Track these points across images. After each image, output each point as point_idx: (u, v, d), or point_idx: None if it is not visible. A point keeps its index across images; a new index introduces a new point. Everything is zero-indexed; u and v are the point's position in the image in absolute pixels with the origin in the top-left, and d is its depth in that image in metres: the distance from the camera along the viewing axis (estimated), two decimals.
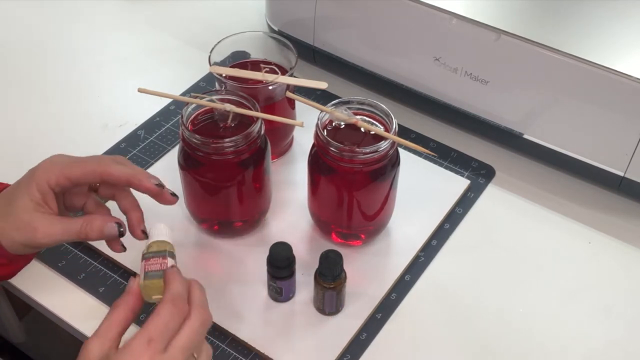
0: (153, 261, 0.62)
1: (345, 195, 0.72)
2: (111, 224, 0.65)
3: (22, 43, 1.03)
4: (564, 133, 0.80)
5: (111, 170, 0.65)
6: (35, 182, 0.65)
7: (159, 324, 0.55)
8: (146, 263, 0.62)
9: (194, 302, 0.58)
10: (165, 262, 0.62)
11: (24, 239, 0.65)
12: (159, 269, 0.62)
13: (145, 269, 0.62)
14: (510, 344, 0.71)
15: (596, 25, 0.79)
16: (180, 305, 0.57)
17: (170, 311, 0.56)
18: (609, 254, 0.79)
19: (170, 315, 0.56)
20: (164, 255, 0.62)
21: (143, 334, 0.54)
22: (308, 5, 0.89)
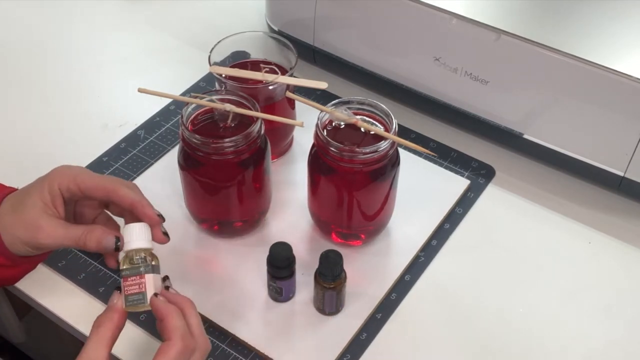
0: (131, 282, 0.61)
1: (345, 195, 0.72)
2: (109, 237, 0.64)
3: (22, 43, 1.03)
4: (564, 133, 0.80)
5: (119, 192, 0.66)
6: (48, 183, 0.66)
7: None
8: (124, 284, 0.61)
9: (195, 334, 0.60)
10: (142, 281, 0.60)
11: (26, 237, 0.65)
12: (137, 291, 0.60)
13: (125, 290, 0.61)
14: (510, 344, 0.71)
15: (596, 25, 0.79)
16: (189, 342, 0.58)
17: (180, 352, 0.57)
18: (609, 254, 0.79)
19: (180, 355, 0.57)
20: (140, 273, 0.61)
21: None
22: (308, 5, 0.89)
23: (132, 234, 0.63)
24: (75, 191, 0.66)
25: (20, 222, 0.65)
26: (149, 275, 0.61)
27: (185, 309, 0.61)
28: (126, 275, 0.61)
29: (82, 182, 0.66)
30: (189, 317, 0.60)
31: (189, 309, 0.61)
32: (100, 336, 0.57)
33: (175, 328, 0.58)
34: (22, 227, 0.65)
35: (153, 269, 0.62)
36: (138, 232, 0.63)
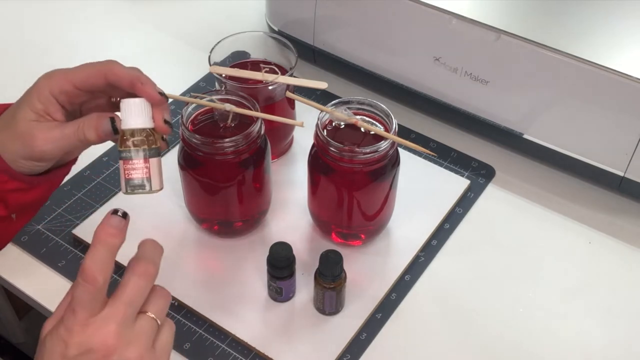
0: (133, 165, 0.54)
1: (345, 195, 0.72)
2: (105, 120, 0.58)
3: (22, 43, 1.03)
4: (564, 133, 0.80)
5: (114, 69, 0.60)
6: (37, 92, 0.61)
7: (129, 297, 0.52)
8: (124, 166, 0.54)
9: (137, 256, 0.54)
10: (147, 166, 0.54)
11: (23, 150, 0.62)
12: (141, 176, 0.54)
13: (126, 175, 0.54)
14: (510, 344, 0.71)
15: (596, 25, 0.79)
16: (149, 268, 0.53)
17: (139, 279, 0.53)
18: (609, 254, 0.79)
19: (140, 283, 0.53)
20: (143, 156, 0.54)
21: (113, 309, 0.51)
22: (308, 5, 0.89)
23: (131, 111, 0.56)
24: (69, 90, 0.61)
25: (15, 136, 0.61)
26: (153, 160, 0.55)
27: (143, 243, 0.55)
28: (126, 158, 0.54)
29: (73, 76, 0.61)
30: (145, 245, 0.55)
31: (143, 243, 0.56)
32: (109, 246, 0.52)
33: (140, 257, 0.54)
34: (18, 141, 0.61)
35: (156, 152, 0.55)
36: (137, 108, 0.56)
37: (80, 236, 0.78)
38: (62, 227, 0.79)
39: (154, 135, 0.56)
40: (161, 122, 0.59)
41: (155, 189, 0.55)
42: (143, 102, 0.56)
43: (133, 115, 0.55)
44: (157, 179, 0.56)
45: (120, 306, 0.52)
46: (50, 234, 0.78)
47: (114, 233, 0.51)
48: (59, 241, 0.78)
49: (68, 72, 0.62)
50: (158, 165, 0.56)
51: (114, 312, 0.51)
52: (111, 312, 0.51)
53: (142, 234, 0.79)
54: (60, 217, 0.80)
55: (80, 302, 0.51)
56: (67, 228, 0.79)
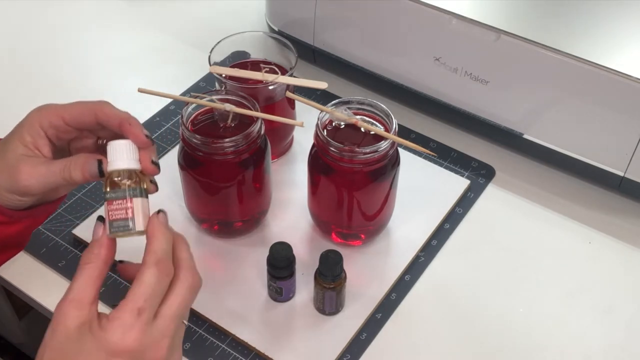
0: (116, 206, 0.53)
1: (345, 195, 0.72)
2: (92, 161, 0.57)
3: (22, 43, 1.03)
4: (564, 133, 0.80)
5: (104, 109, 0.60)
6: (28, 125, 0.61)
7: (146, 292, 0.51)
8: (108, 207, 0.53)
9: (181, 264, 0.55)
10: (130, 205, 0.53)
11: (8, 183, 0.60)
12: (123, 217, 0.53)
13: (109, 216, 0.53)
14: (510, 344, 0.71)
15: (596, 25, 0.79)
16: (165, 266, 0.53)
17: (156, 276, 0.52)
18: (609, 254, 0.79)
19: (156, 280, 0.52)
20: (126, 196, 0.53)
21: (130, 304, 0.51)
22: (308, 5, 0.89)
23: (116, 152, 0.55)
24: (59, 125, 0.61)
25: (1, 168, 0.60)
26: (137, 200, 0.54)
27: (179, 242, 0.56)
28: (110, 199, 0.53)
29: (64, 111, 0.61)
30: (178, 250, 0.55)
31: (181, 244, 0.56)
32: (87, 275, 0.52)
33: (153, 251, 0.53)
34: (4, 173, 0.60)
35: (141, 193, 0.55)
36: (123, 149, 0.55)
37: (80, 236, 0.78)
38: (62, 227, 0.79)
39: (140, 177, 0.56)
40: (148, 164, 0.58)
41: (140, 229, 0.54)
42: (129, 143, 0.56)
43: (119, 156, 0.56)
44: (141, 220, 0.55)
45: (172, 322, 0.53)
46: (50, 234, 0.78)
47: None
48: (59, 241, 0.78)
49: (59, 107, 0.61)
50: (143, 205, 0.55)
51: (167, 327, 0.53)
52: (164, 327, 0.52)
53: None
54: (60, 217, 0.80)
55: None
56: (67, 228, 0.79)
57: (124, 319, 0.51)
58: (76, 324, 0.51)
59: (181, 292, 0.54)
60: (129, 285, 0.69)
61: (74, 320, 0.51)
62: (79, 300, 0.51)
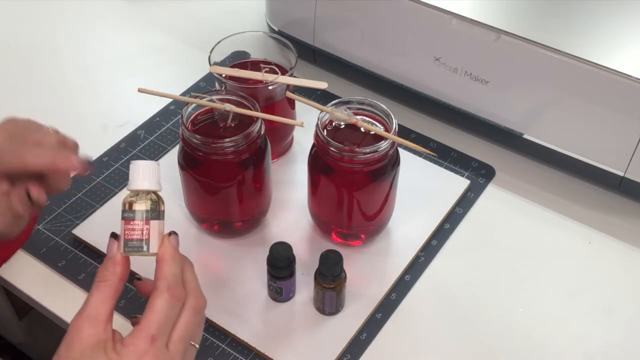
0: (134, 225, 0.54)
1: (345, 195, 0.72)
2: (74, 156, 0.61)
3: (22, 43, 1.03)
4: (564, 133, 0.80)
5: (27, 161, 0.62)
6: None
7: (159, 319, 0.52)
8: (125, 227, 0.54)
9: (188, 287, 0.55)
10: (147, 227, 0.54)
11: None
12: (139, 237, 0.54)
13: (125, 235, 0.54)
14: (510, 344, 0.71)
15: (596, 25, 0.79)
16: (177, 291, 0.54)
17: (168, 302, 0.53)
18: (609, 254, 0.79)
19: (168, 306, 0.53)
20: (145, 217, 0.54)
21: (144, 331, 0.52)
22: (308, 5, 0.89)
23: (138, 172, 0.56)
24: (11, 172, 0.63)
25: None
26: (154, 222, 0.55)
27: (185, 265, 0.56)
28: (128, 219, 0.54)
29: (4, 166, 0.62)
30: (184, 273, 0.56)
31: (189, 266, 0.57)
32: (103, 292, 0.53)
33: (164, 276, 0.54)
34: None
35: (159, 215, 0.56)
36: (147, 171, 0.56)
37: (80, 236, 0.78)
38: (62, 227, 0.79)
39: (159, 198, 0.56)
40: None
41: (153, 251, 0.55)
42: (152, 164, 0.56)
43: (141, 177, 0.56)
44: (156, 242, 0.55)
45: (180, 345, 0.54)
46: (50, 234, 0.78)
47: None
48: (59, 241, 0.78)
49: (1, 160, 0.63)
50: (159, 228, 0.56)
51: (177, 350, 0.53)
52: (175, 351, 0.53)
53: None
54: (60, 217, 0.80)
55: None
56: (67, 228, 0.79)
57: (138, 345, 0.52)
58: (91, 342, 0.51)
59: (186, 314, 0.54)
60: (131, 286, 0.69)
61: (90, 338, 0.51)
62: (95, 317, 0.52)
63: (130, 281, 0.58)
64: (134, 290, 0.74)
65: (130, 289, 0.74)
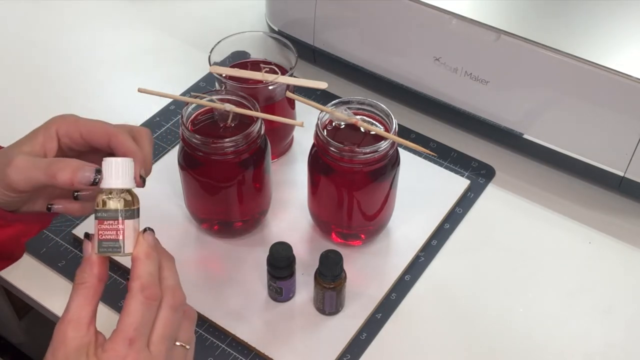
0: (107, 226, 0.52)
1: (345, 195, 0.72)
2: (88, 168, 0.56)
3: (22, 43, 1.03)
4: (564, 133, 0.80)
5: (119, 137, 0.59)
6: (45, 126, 0.61)
7: (135, 321, 0.51)
8: (99, 226, 0.53)
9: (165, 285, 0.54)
10: (122, 227, 0.52)
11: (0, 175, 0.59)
12: (114, 237, 0.52)
13: (99, 236, 0.53)
14: (510, 344, 0.71)
15: (596, 25, 0.79)
16: (152, 292, 0.52)
17: (143, 304, 0.52)
18: (609, 254, 0.79)
19: (144, 308, 0.52)
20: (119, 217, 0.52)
21: (121, 334, 0.51)
22: (308, 5, 0.89)
23: (112, 170, 0.54)
24: (75, 136, 0.60)
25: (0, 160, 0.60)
26: (129, 222, 0.53)
27: (163, 261, 0.54)
28: (102, 218, 0.52)
29: (83, 125, 0.60)
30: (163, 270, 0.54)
31: (167, 262, 0.55)
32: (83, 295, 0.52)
33: (138, 277, 0.52)
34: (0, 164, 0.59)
35: (133, 214, 0.54)
36: (121, 168, 0.54)
37: (80, 236, 0.78)
38: (62, 227, 0.79)
39: (134, 197, 0.54)
40: (137, 178, 0.57)
41: (128, 251, 0.53)
42: (126, 162, 0.54)
43: (114, 174, 0.54)
44: (131, 241, 0.54)
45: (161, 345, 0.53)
46: (50, 234, 0.78)
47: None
48: (59, 241, 0.78)
49: (79, 120, 0.61)
50: (134, 227, 0.54)
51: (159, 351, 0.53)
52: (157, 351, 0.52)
53: None
54: (60, 217, 0.80)
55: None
56: (67, 228, 0.79)
57: (117, 350, 0.51)
58: (75, 346, 0.51)
59: (163, 313, 0.53)
60: None
61: (72, 342, 0.51)
62: (77, 320, 0.52)
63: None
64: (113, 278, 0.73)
65: (110, 276, 0.74)
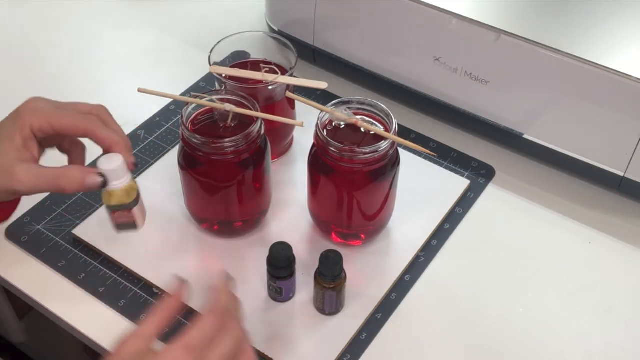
0: (120, 214, 0.65)
1: (345, 195, 0.72)
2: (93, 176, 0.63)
3: (22, 43, 1.03)
4: (564, 133, 0.80)
5: (98, 133, 0.65)
6: (19, 126, 0.64)
7: (201, 335, 0.55)
8: (113, 215, 0.65)
9: (232, 317, 0.58)
10: (132, 214, 0.65)
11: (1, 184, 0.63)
12: (128, 221, 0.66)
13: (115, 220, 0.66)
14: (510, 344, 0.71)
15: (596, 25, 0.79)
16: (225, 318, 0.57)
17: (214, 325, 0.56)
18: (609, 254, 0.79)
19: (214, 329, 0.55)
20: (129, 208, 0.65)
21: (185, 341, 0.54)
22: (308, 5, 0.89)
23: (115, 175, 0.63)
24: (48, 131, 0.64)
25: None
26: (136, 208, 0.66)
27: (234, 301, 0.59)
28: (114, 210, 0.65)
29: (55, 122, 0.64)
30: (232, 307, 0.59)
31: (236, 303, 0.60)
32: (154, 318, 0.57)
33: (217, 301, 0.58)
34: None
35: (138, 198, 0.66)
36: (119, 171, 0.63)
37: (80, 236, 0.78)
38: (62, 227, 0.79)
39: (134, 186, 0.65)
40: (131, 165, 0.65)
41: (141, 227, 0.68)
42: (122, 164, 0.64)
43: (116, 177, 0.64)
44: (141, 219, 0.68)
45: None
46: (50, 234, 0.78)
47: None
48: (59, 241, 0.78)
49: (51, 116, 0.64)
50: (140, 209, 0.67)
51: None
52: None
53: (142, 234, 0.79)
54: (60, 217, 0.80)
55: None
56: (67, 228, 0.79)
57: (175, 352, 0.53)
58: (131, 351, 0.54)
59: (228, 340, 0.56)
60: (131, 286, 0.70)
61: (130, 347, 0.54)
62: (141, 333, 0.55)
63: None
64: (134, 290, 0.74)
65: (130, 288, 0.74)
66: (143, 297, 0.73)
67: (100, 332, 0.71)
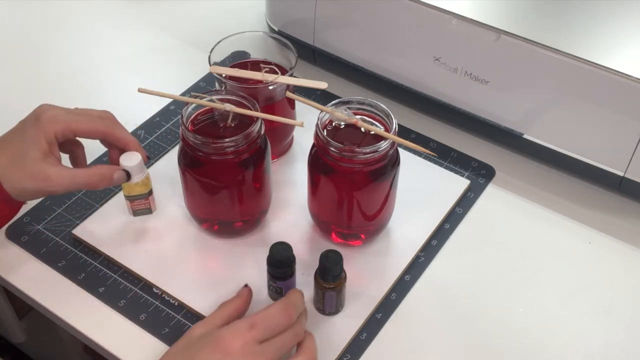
0: (138, 202, 0.77)
1: (345, 195, 0.72)
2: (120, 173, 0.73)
3: (22, 43, 1.03)
4: (564, 133, 0.80)
5: (116, 134, 0.74)
6: (44, 133, 0.70)
7: (266, 316, 0.62)
8: (131, 203, 0.78)
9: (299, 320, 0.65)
10: (148, 201, 0.78)
11: (34, 188, 0.69)
12: (145, 207, 0.78)
13: (132, 207, 0.78)
14: (510, 344, 0.71)
15: (596, 25, 0.79)
16: (291, 311, 0.63)
17: (280, 310, 0.62)
18: (609, 254, 0.79)
19: (280, 315, 0.62)
20: (144, 197, 0.77)
21: (250, 319, 0.61)
22: (308, 5, 0.89)
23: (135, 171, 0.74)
24: (69, 136, 0.72)
25: (26, 175, 0.69)
26: (151, 196, 0.78)
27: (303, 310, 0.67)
28: (133, 199, 0.77)
29: (77, 128, 0.72)
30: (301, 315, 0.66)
31: (305, 312, 0.67)
32: (221, 311, 0.66)
33: (290, 298, 0.65)
34: (29, 179, 0.69)
35: (150, 190, 0.78)
36: (138, 168, 0.74)
37: (80, 236, 0.78)
38: (62, 227, 0.79)
39: (149, 177, 0.77)
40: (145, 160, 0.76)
41: (154, 210, 0.80)
42: (141, 161, 0.74)
43: (137, 172, 0.75)
44: (154, 205, 0.80)
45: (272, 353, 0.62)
46: (50, 234, 0.78)
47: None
48: (59, 241, 0.78)
49: (72, 123, 0.72)
50: (153, 197, 0.79)
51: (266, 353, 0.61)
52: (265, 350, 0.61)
53: (142, 234, 0.80)
54: (60, 217, 0.80)
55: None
56: (67, 228, 0.79)
57: (239, 325, 0.61)
58: (199, 334, 0.63)
59: (288, 334, 0.63)
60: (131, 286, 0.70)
61: (198, 331, 0.63)
62: (207, 322, 0.64)
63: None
64: (134, 290, 0.74)
65: (130, 288, 0.74)
66: (143, 297, 0.73)
67: (100, 332, 0.71)
